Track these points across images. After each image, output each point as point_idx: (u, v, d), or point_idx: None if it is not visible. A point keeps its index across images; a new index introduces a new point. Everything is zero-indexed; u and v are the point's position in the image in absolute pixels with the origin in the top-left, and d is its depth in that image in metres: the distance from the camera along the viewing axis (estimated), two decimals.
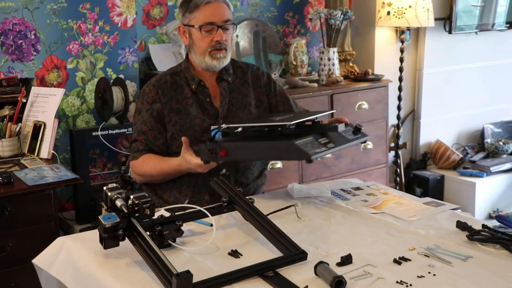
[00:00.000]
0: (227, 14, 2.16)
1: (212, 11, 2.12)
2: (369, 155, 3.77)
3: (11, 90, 2.78)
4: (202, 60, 2.17)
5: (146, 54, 3.36)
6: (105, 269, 1.48)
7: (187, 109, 2.17)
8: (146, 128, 2.17)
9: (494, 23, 4.49)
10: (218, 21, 2.13)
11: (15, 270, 2.33)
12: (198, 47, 2.16)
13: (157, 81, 2.21)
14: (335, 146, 1.80)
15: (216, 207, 1.76)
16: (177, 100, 2.18)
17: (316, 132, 1.84)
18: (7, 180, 2.30)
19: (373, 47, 4.10)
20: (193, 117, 2.16)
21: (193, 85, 2.19)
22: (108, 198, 1.52)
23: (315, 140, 1.78)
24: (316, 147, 1.74)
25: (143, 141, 2.16)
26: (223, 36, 2.14)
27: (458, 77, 4.47)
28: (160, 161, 2.13)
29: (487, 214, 4.20)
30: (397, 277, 1.40)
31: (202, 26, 2.12)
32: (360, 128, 1.99)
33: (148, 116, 2.17)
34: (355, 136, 1.95)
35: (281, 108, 2.31)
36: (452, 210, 1.89)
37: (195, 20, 2.14)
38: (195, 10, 2.13)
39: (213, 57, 2.15)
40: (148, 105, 2.18)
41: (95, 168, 3.23)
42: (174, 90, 2.19)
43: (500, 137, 4.65)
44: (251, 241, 1.64)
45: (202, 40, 2.14)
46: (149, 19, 3.35)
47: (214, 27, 2.13)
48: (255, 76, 2.30)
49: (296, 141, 1.72)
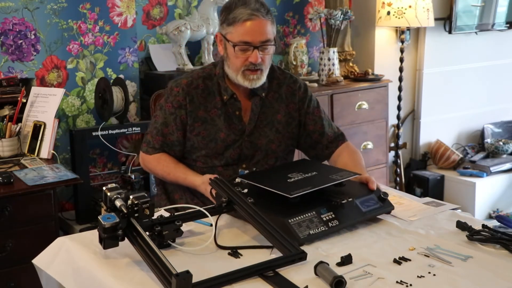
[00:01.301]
0: (268, 34, 1.97)
1: (251, 29, 1.94)
2: (369, 155, 3.77)
3: (11, 90, 2.79)
4: (234, 77, 2.02)
5: (146, 54, 3.36)
6: (104, 269, 1.48)
7: (214, 119, 2.06)
8: (166, 131, 2.07)
9: (494, 23, 4.49)
10: (255, 41, 1.95)
11: (15, 270, 2.33)
12: (232, 63, 2.01)
13: (187, 86, 2.06)
14: (339, 225, 1.65)
15: (215, 207, 1.76)
16: (205, 108, 2.06)
17: (326, 203, 1.69)
18: (7, 180, 2.30)
19: (373, 47, 4.10)
20: (218, 129, 2.05)
21: (225, 96, 2.06)
22: (108, 198, 1.52)
23: (317, 216, 1.65)
24: (314, 227, 1.61)
25: (160, 142, 2.08)
26: (259, 58, 1.96)
27: (458, 77, 4.47)
28: (176, 168, 2.06)
29: (487, 214, 4.20)
30: (397, 277, 1.40)
31: (237, 45, 1.96)
32: (385, 198, 1.78)
33: (171, 120, 2.06)
34: (373, 208, 1.75)
35: (311, 128, 2.15)
36: (452, 210, 1.88)
37: (231, 35, 1.97)
38: (233, 25, 1.96)
39: (246, 77, 2.00)
40: (173, 108, 2.06)
41: (95, 168, 3.23)
42: (205, 97, 2.06)
43: (500, 137, 4.65)
44: (251, 241, 1.63)
45: (236, 57, 1.98)
46: (149, 19, 3.35)
47: (250, 47, 1.96)
48: (290, 90, 2.15)
49: (290, 219, 1.61)
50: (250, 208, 1.66)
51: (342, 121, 3.60)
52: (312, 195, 1.71)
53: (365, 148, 3.74)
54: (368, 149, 3.75)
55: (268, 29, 1.97)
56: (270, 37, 1.98)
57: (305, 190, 1.69)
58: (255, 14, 1.95)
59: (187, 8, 3.46)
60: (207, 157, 2.08)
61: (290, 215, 1.62)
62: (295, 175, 1.81)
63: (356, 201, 1.72)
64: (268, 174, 1.98)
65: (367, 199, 1.76)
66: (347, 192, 1.77)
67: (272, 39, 2.00)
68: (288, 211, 1.65)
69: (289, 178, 1.80)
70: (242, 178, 1.85)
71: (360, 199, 1.74)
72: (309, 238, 1.59)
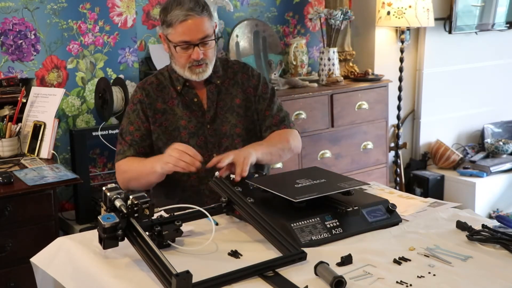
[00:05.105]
0: (205, 30, 2.02)
1: (187, 29, 2.00)
2: (369, 155, 3.77)
3: (11, 90, 2.79)
4: (182, 73, 2.10)
5: (146, 54, 3.36)
6: (104, 269, 1.48)
7: (173, 109, 2.13)
8: (132, 129, 2.13)
9: (494, 23, 4.49)
10: (194, 39, 2.01)
11: (15, 270, 2.33)
12: (177, 61, 2.09)
13: (142, 83, 2.18)
14: (343, 233, 1.64)
15: (215, 207, 1.76)
16: (163, 100, 2.14)
17: (331, 210, 1.68)
18: (7, 180, 2.30)
19: (373, 47, 4.10)
20: (179, 117, 2.12)
21: (178, 86, 2.14)
22: (107, 198, 1.52)
23: (320, 222, 1.64)
24: (317, 233, 1.61)
25: (129, 142, 2.11)
26: (200, 54, 2.03)
27: (458, 77, 4.47)
28: (144, 160, 2.06)
29: (487, 214, 4.20)
30: (397, 277, 1.40)
31: (177, 46, 2.03)
32: (393, 210, 1.75)
33: (134, 117, 2.13)
34: (380, 219, 1.72)
35: (261, 108, 2.20)
36: (453, 208, 1.88)
37: (171, 36, 2.04)
38: (171, 26, 2.02)
39: (192, 71, 2.07)
40: (133, 106, 2.14)
41: (95, 168, 3.23)
42: (160, 90, 2.15)
43: (500, 137, 4.65)
44: (251, 241, 1.63)
45: (179, 56, 2.06)
46: (149, 19, 3.35)
47: (191, 45, 2.02)
48: (246, 76, 2.23)
49: (293, 223, 1.60)
50: (250, 208, 1.66)
51: (342, 121, 3.61)
52: (319, 202, 1.70)
53: (365, 148, 3.74)
54: (368, 149, 3.75)
55: (205, 26, 2.02)
56: (208, 33, 2.04)
57: (310, 195, 1.68)
58: (190, 14, 2.00)
59: None
60: None
61: (293, 219, 1.62)
62: (303, 181, 1.81)
63: (363, 211, 1.70)
64: (276, 179, 1.98)
65: (374, 210, 1.73)
66: (354, 201, 1.74)
67: (211, 33, 2.06)
68: (292, 215, 1.65)
69: (297, 183, 1.79)
70: (250, 182, 1.86)
71: (366, 209, 1.72)
72: (310, 244, 1.58)
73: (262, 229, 1.59)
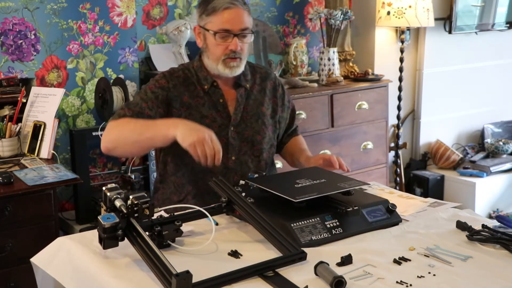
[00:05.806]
0: (246, 22, 2.05)
1: (230, 17, 2.02)
2: (369, 155, 3.77)
3: (11, 90, 2.79)
4: (214, 67, 2.08)
5: (146, 54, 3.36)
6: (104, 269, 1.48)
7: (198, 107, 2.09)
8: (145, 105, 2.02)
9: (494, 23, 4.49)
10: (235, 29, 2.02)
11: (15, 270, 2.33)
12: (212, 53, 2.07)
13: (169, 73, 2.12)
14: (343, 233, 1.64)
15: (215, 207, 1.76)
16: (189, 95, 2.09)
17: (332, 210, 1.68)
18: (7, 180, 2.31)
19: (373, 47, 4.10)
20: (203, 116, 2.08)
21: (206, 85, 2.10)
22: (107, 198, 1.52)
23: (321, 222, 1.64)
24: (317, 233, 1.61)
25: (135, 112, 1.99)
26: (238, 46, 2.03)
27: (458, 77, 4.47)
28: (146, 122, 1.94)
29: (487, 214, 4.20)
30: (397, 277, 1.40)
31: (217, 33, 2.03)
32: (393, 210, 1.76)
33: (152, 97, 2.04)
34: (380, 219, 1.72)
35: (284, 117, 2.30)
36: (453, 208, 1.88)
37: (211, 25, 2.04)
38: (213, 14, 2.02)
39: (226, 65, 2.06)
40: (155, 88, 2.06)
41: (95, 168, 3.23)
42: (186, 86, 2.10)
43: (500, 137, 4.65)
44: (251, 241, 1.63)
45: (216, 46, 2.04)
46: (149, 19, 3.35)
47: (230, 35, 2.03)
48: (273, 84, 2.24)
49: (293, 223, 1.60)
50: (250, 208, 1.66)
51: (342, 121, 3.61)
52: (319, 202, 1.70)
53: (365, 148, 3.74)
54: (368, 149, 3.75)
55: (246, 18, 2.06)
56: (248, 26, 2.06)
57: (310, 195, 1.68)
58: (234, 3, 2.03)
59: (187, 8, 3.46)
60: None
61: (293, 219, 1.62)
62: (303, 181, 1.81)
63: (363, 211, 1.71)
64: (276, 179, 1.98)
65: (374, 210, 1.74)
66: (354, 201, 1.75)
67: (250, 28, 2.08)
68: (292, 215, 1.65)
69: (297, 183, 1.80)
70: (250, 182, 1.86)
71: (366, 209, 1.73)
72: (310, 244, 1.58)
73: (262, 229, 1.59)
